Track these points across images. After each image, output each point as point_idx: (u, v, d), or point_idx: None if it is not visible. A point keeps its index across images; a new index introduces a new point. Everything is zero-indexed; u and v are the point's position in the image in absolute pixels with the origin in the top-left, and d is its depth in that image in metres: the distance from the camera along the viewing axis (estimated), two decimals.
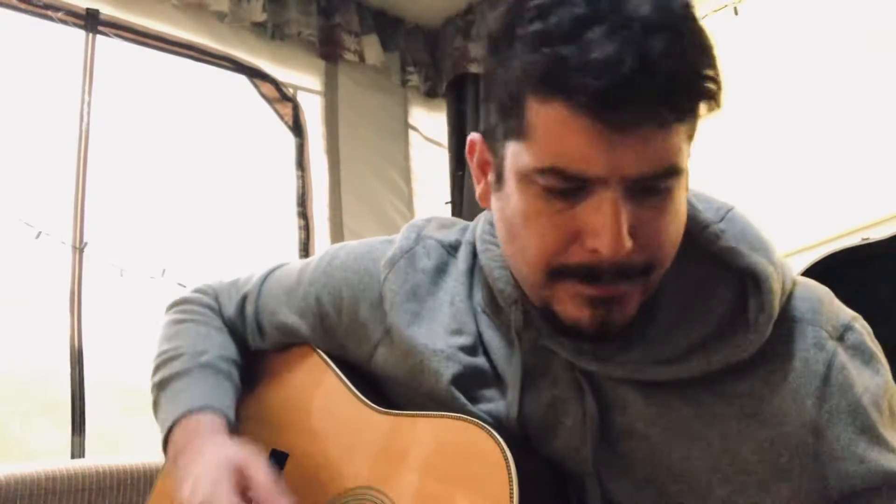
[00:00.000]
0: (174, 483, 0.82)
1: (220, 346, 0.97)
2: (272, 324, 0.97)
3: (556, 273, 0.66)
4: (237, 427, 0.90)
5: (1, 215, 1.90)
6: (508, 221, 0.68)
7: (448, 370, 0.78)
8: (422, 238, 0.86)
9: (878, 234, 1.49)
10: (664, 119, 0.59)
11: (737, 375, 0.69)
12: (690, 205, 0.73)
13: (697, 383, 0.69)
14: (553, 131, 0.61)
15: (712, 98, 0.61)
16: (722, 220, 0.73)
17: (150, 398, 1.00)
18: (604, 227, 0.61)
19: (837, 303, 0.74)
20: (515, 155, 0.65)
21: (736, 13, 2.11)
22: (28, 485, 1.44)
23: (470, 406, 0.77)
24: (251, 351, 1.01)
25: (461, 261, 0.84)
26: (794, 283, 0.72)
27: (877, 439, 0.67)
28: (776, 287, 0.69)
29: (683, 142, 0.63)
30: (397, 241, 0.87)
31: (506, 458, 0.70)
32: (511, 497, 0.67)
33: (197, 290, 1.05)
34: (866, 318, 0.76)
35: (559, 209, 0.63)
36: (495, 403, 0.78)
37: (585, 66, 0.57)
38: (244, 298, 1.00)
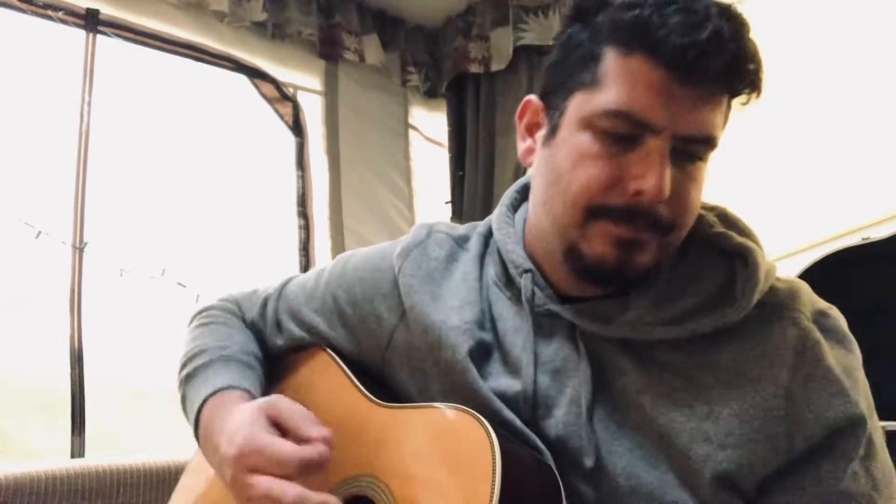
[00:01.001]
0: (209, 455, 0.84)
1: (243, 342, 1.01)
2: (292, 321, 1.03)
3: (595, 212, 0.74)
4: None
5: (1, 215, 1.90)
6: (557, 166, 0.77)
7: (465, 343, 0.83)
8: (433, 232, 0.94)
9: (878, 234, 1.49)
10: (721, 90, 0.71)
11: (720, 347, 0.76)
12: None
13: (684, 352, 0.76)
14: (629, 80, 0.71)
15: (757, 87, 0.72)
16: (717, 215, 0.83)
17: (150, 398, 1.01)
18: (651, 172, 0.71)
19: (815, 296, 0.80)
20: (582, 103, 0.75)
21: None
22: (28, 485, 1.44)
23: (480, 381, 0.82)
24: (266, 352, 1.05)
25: (472, 248, 0.91)
26: (778, 279, 0.79)
27: (846, 399, 0.72)
28: (761, 261, 0.76)
29: (721, 122, 0.73)
30: (408, 237, 0.95)
31: (491, 441, 0.73)
32: (493, 478, 0.70)
33: (219, 299, 1.11)
34: (866, 317, 0.77)
35: (612, 154, 0.73)
36: (501, 379, 0.83)
37: (668, 27, 0.68)
38: (265, 301, 1.07)
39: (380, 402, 0.89)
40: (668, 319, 0.76)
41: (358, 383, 0.93)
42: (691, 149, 0.72)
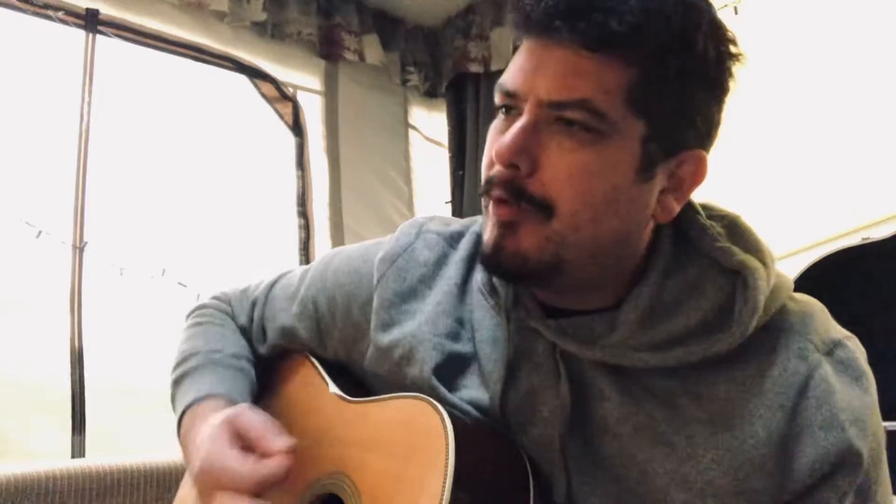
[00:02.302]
0: (187, 467, 0.85)
1: (234, 344, 1.00)
2: (273, 328, 1.01)
3: (487, 185, 0.70)
4: None
5: (1, 215, 1.90)
6: None
7: (432, 360, 0.79)
8: (422, 232, 0.88)
9: (878, 234, 1.49)
10: (576, 43, 0.64)
11: (713, 376, 0.69)
12: (694, 210, 0.75)
13: (672, 379, 0.70)
14: (515, 58, 0.70)
15: (622, 40, 0.63)
16: (724, 226, 0.75)
17: (150, 398, 1.02)
18: (507, 132, 0.67)
19: (833, 322, 0.72)
20: None
21: (736, 13, 2.11)
22: (28, 485, 1.44)
23: (449, 396, 0.78)
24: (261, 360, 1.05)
25: (462, 248, 0.86)
26: (791, 299, 0.72)
27: (848, 449, 0.64)
28: (762, 284, 0.68)
29: (612, 88, 0.64)
30: (395, 238, 0.89)
31: (444, 427, 0.71)
32: (446, 463, 0.68)
33: (214, 297, 1.10)
34: (866, 317, 0.76)
35: (500, 131, 0.70)
36: (475, 391, 0.79)
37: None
38: (253, 305, 1.05)
39: (347, 397, 0.89)
40: (655, 343, 0.69)
41: (330, 382, 0.93)
42: (565, 115, 0.65)
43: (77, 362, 1.94)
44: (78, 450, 1.90)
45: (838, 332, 0.71)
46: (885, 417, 0.78)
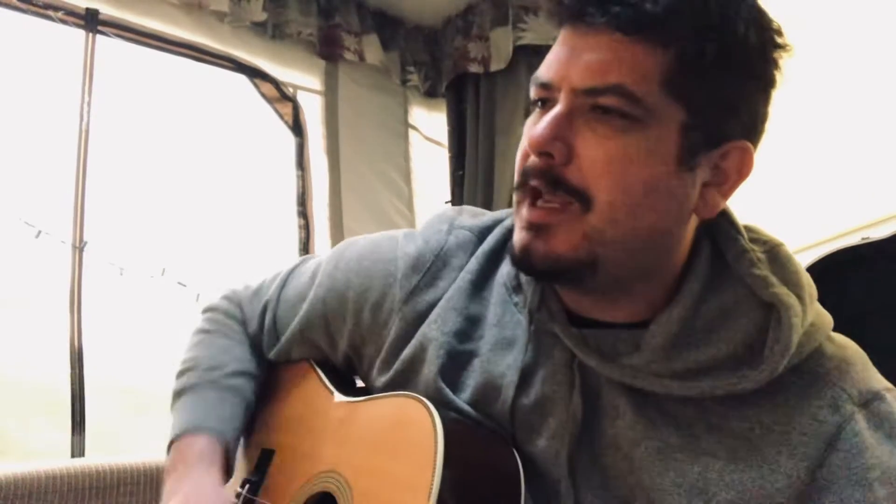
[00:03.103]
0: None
1: (237, 359, 0.98)
2: (285, 333, 0.98)
3: (522, 178, 0.68)
4: (238, 438, 0.96)
5: (1, 215, 1.90)
6: None
7: (438, 360, 0.77)
8: (454, 228, 0.84)
9: (878, 234, 1.49)
10: (607, 27, 0.62)
11: (737, 413, 0.65)
12: (736, 230, 0.72)
13: (694, 410, 0.67)
14: (551, 50, 0.68)
15: (657, 22, 0.61)
16: (765, 252, 0.71)
17: (149, 398, 1.04)
18: (541, 121, 0.65)
19: (873, 370, 0.68)
20: None
21: None
22: (28, 484, 1.44)
23: (456, 400, 0.76)
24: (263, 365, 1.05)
25: (487, 242, 0.82)
26: (829, 339, 0.68)
27: None
28: (797, 322, 0.64)
29: (648, 72, 0.62)
30: (424, 238, 0.85)
31: (434, 425, 0.70)
32: (434, 460, 0.68)
33: (225, 297, 1.06)
34: (866, 317, 0.75)
35: (535, 123, 0.67)
36: (471, 391, 0.77)
37: None
38: (265, 308, 1.01)
39: (343, 397, 0.89)
40: (679, 372, 0.66)
41: (328, 383, 0.94)
42: (600, 102, 0.63)
43: (77, 362, 1.94)
44: (78, 449, 1.90)
45: (878, 382, 0.67)
46: None
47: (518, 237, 0.68)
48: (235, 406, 0.95)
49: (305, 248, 2.50)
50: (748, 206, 0.85)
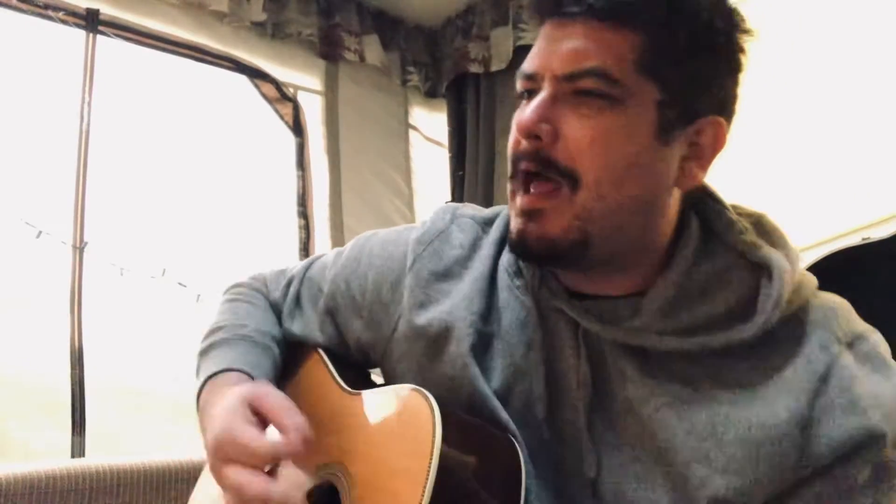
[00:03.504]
0: (203, 438, 0.84)
1: (262, 321, 1.01)
2: (311, 300, 1.02)
3: (511, 177, 0.74)
4: None
5: (1, 215, 1.90)
6: None
7: (469, 338, 0.81)
8: (456, 217, 0.91)
9: (878, 234, 1.49)
10: (583, 15, 0.69)
11: (735, 360, 0.70)
12: (721, 205, 0.78)
13: (696, 363, 0.71)
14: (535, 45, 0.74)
15: (628, 8, 0.68)
16: (751, 222, 0.77)
17: (150, 398, 1.03)
18: (528, 107, 0.71)
19: (855, 316, 0.73)
20: None
21: None
22: (28, 485, 1.44)
23: (480, 379, 0.79)
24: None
25: (494, 231, 0.88)
26: (815, 296, 0.73)
27: (870, 434, 0.65)
28: (787, 278, 0.70)
29: (623, 55, 0.68)
30: (430, 221, 0.92)
31: (433, 416, 0.71)
32: (432, 451, 0.69)
33: (249, 277, 1.12)
34: (866, 317, 0.75)
35: (521, 113, 0.73)
36: (498, 374, 0.81)
37: None
38: (290, 281, 1.06)
39: (347, 388, 0.90)
40: (679, 329, 0.71)
41: (335, 374, 0.95)
42: (580, 86, 0.69)
43: (77, 362, 1.94)
44: (78, 450, 1.90)
45: (861, 325, 0.72)
46: None
47: (514, 224, 0.74)
48: (267, 361, 0.96)
49: (305, 248, 2.50)
50: (748, 206, 0.85)
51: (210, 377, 0.89)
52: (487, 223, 0.90)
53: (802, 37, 2.04)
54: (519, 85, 0.74)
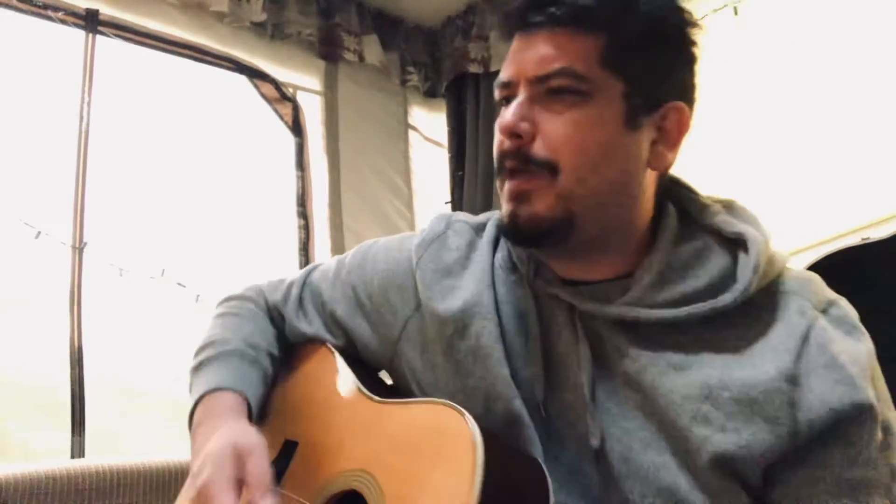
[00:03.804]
0: (192, 460, 0.87)
1: (251, 334, 1.04)
2: (315, 304, 1.06)
3: (500, 164, 0.81)
4: (260, 406, 0.98)
5: (1, 215, 1.90)
6: None
7: (486, 330, 0.86)
8: (451, 223, 0.97)
9: (878, 234, 1.49)
10: (548, 23, 0.77)
11: (721, 328, 0.76)
12: (694, 193, 0.85)
13: (687, 333, 0.77)
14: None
15: (588, 13, 0.76)
16: (723, 206, 0.84)
17: (149, 398, 1.05)
18: (508, 110, 0.78)
19: (826, 287, 0.80)
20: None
21: (736, 13, 2.11)
22: (28, 485, 1.44)
23: (501, 365, 0.84)
24: (282, 346, 1.09)
25: (486, 233, 0.95)
26: (787, 268, 0.80)
27: (852, 387, 0.70)
28: (762, 248, 0.76)
29: (587, 54, 0.76)
30: (429, 227, 0.98)
31: (474, 438, 0.74)
32: (474, 472, 0.71)
33: (245, 288, 1.15)
34: (866, 317, 0.76)
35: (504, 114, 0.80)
36: (508, 363, 0.85)
37: (513, 4, 0.81)
38: (290, 286, 1.10)
39: (373, 396, 0.92)
40: (667, 301, 0.77)
41: (356, 377, 0.96)
42: (552, 85, 0.76)
43: (77, 362, 1.94)
44: (78, 450, 1.90)
45: (832, 294, 0.79)
46: None
47: (505, 210, 0.80)
48: (253, 374, 0.99)
49: (305, 248, 2.50)
50: (749, 206, 0.85)
51: (202, 397, 0.93)
52: (480, 227, 0.96)
53: (802, 37, 2.04)
54: (497, 94, 0.82)
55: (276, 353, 1.06)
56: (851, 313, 0.77)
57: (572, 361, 0.82)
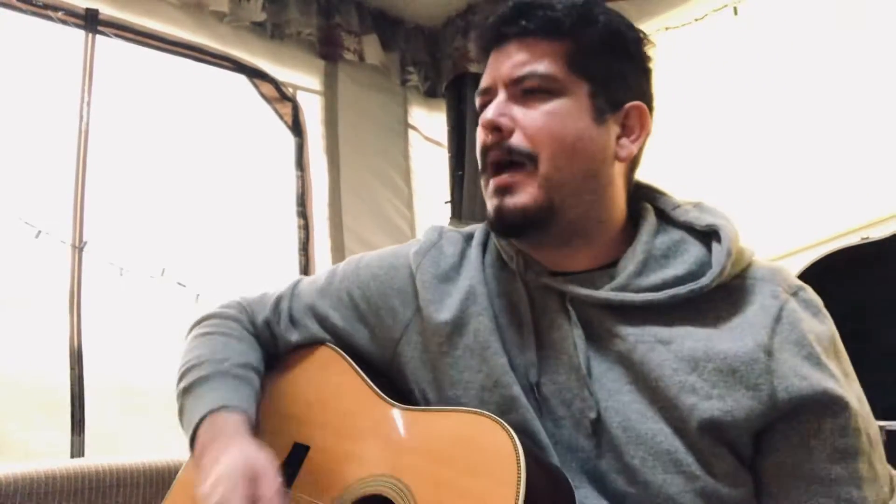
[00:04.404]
0: (197, 477, 0.87)
1: (240, 353, 1.04)
2: (307, 315, 1.07)
3: (484, 164, 0.89)
4: (258, 425, 0.98)
5: (1, 215, 1.90)
6: None
7: (483, 327, 0.91)
8: (444, 233, 1.03)
9: (878, 233, 1.49)
10: (520, 34, 0.87)
11: (702, 311, 0.84)
12: (666, 195, 0.94)
13: (669, 312, 0.84)
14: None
15: (554, 24, 0.86)
16: (693, 205, 0.92)
17: (149, 398, 1.04)
18: (489, 108, 0.88)
19: (793, 275, 0.88)
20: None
21: (736, 13, 2.11)
22: (28, 484, 1.44)
23: (501, 355, 0.89)
24: (275, 353, 1.10)
25: (475, 239, 1.01)
26: (754, 260, 0.87)
27: (818, 365, 0.79)
28: (733, 236, 0.85)
29: (555, 58, 0.86)
30: (423, 238, 1.03)
31: (516, 451, 0.75)
32: (518, 486, 0.73)
33: (222, 306, 1.14)
34: (866, 317, 0.77)
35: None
36: (513, 349, 0.91)
37: (485, 22, 0.91)
38: (278, 300, 1.11)
39: (394, 402, 0.92)
40: (651, 286, 0.84)
41: (371, 382, 0.96)
42: (525, 86, 0.86)
43: (77, 362, 1.95)
44: (77, 450, 1.90)
45: (798, 282, 0.86)
46: (885, 417, 0.78)
47: (490, 204, 0.88)
48: (249, 394, 1.00)
49: (305, 248, 2.51)
50: (750, 206, 0.86)
51: (207, 415, 0.93)
52: (469, 236, 1.03)
53: (802, 37, 2.04)
54: (478, 102, 0.91)
55: (263, 372, 1.07)
56: (816, 298, 0.85)
57: (567, 345, 0.88)
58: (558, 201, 0.85)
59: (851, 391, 0.80)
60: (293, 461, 0.97)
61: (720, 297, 0.84)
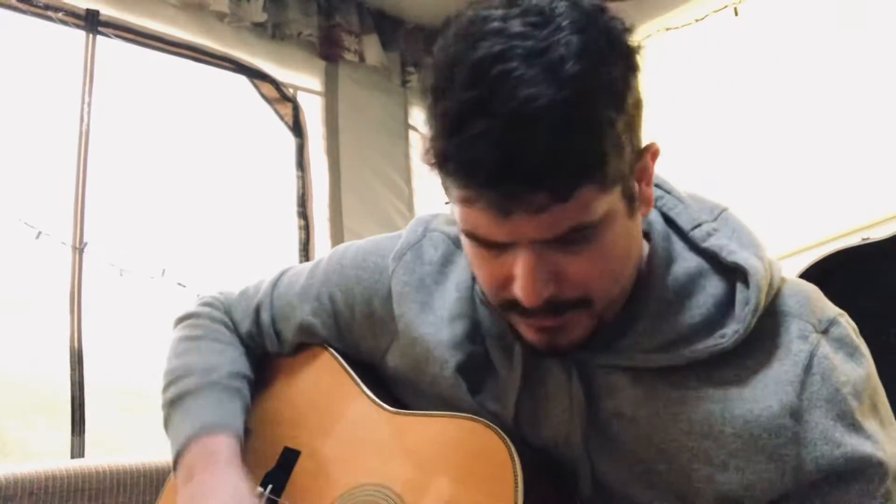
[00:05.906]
0: (183, 501, 0.84)
1: (231, 362, 0.98)
2: (290, 329, 0.99)
3: (506, 305, 0.71)
4: (249, 429, 0.94)
5: (1, 215, 1.90)
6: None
7: (453, 358, 0.81)
8: (429, 231, 0.89)
9: (878, 234, 1.49)
10: (545, 201, 0.61)
11: (722, 363, 0.72)
12: (683, 204, 0.78)
13: (685, 368, 0.72)
14: (461, 205, 0.66)
15: (594, 175, 0.62)
16: (715, 219, 0.77)
17: (149, 398, 1.01)
18: (520, 278, 0.66)
19: (825, 299, 0.76)
20: (453, 210, 0.70)
21: (736, 13, 2.11)
22: (28, 485, 1.44)
23: (469, 398, 0.80)
24: (265, 353, 1.03)
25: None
26: (784, 281, 0.75)
27: (853, 426, 0.69)
28: (763, 283, 0.71)
29: (593, 197, 0.63)
30: (404, 235, 0.91)
31: (512, 458, 0.72)
32: (515, 494, 0.70)
33: (205, 304, 1.05)
34: (866, 317, 0.76)
35: (493, 256, 0.69)
36: (490, 393, 0.81)
37: (468, 160, 0.62)
38: (258, 309, 1.01)
39: (389, 407, 0.87)
40: (664, 344, 0.72)
41: (364, 386, 0.91)
42: (563, 240, 0.65)
43: (77, 363, 1.94)
44: (77, 450, 1.90)
45: (832, 309, 0.75)
46: None
47: (535, 338, 0.72)
48: (239, 408, 0.94)
49: (305, 248, 2.50)
50: (750, 206, 0.85)
51: (195, 436, 0.88)
52: (458, 239, 0.86)
53: (803, 37, 2.04)
54: (475, 240, 0.69)
55: (252, 376, 1.01)
56: (850, 331, 0.74)
57: (560, 398, 0.77)
58: (605, 308, 0.72)
59: (890, 443, 0.71)
60: (284, 467, 0.93)
61: (742, 345, 0.71)
